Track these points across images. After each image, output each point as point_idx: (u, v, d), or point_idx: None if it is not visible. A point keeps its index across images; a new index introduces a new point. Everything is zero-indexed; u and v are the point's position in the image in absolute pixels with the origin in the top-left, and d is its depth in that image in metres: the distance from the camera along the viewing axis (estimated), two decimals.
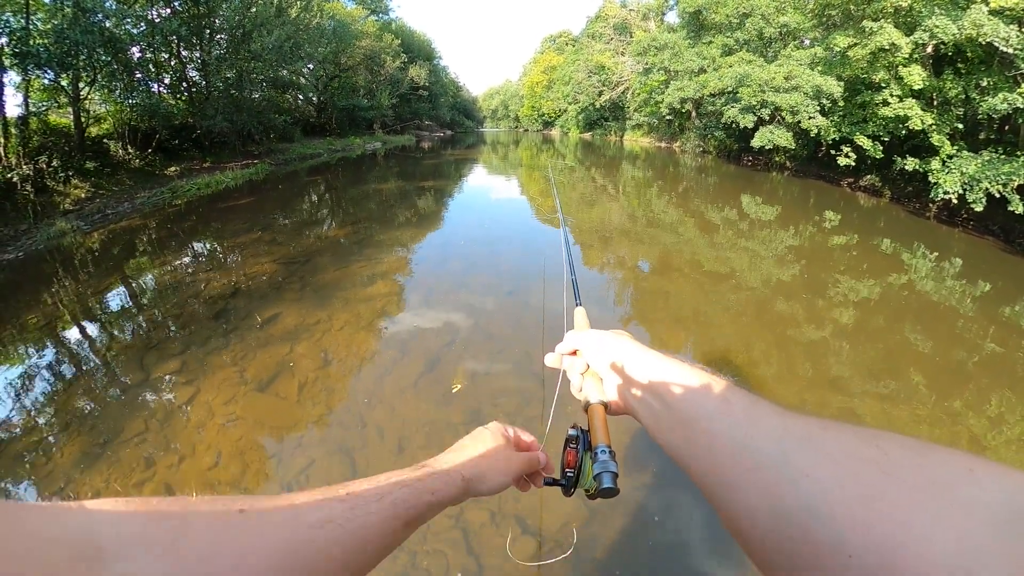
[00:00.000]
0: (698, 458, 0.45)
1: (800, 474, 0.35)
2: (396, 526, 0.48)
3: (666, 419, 0.51)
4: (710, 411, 0.46)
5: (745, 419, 0.43)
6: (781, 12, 22.82)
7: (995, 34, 10.48)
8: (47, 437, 3.48)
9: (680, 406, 0.49)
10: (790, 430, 0.39)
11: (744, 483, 0.39)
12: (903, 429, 3.71)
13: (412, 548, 2.53)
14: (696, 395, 0.49)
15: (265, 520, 0.39)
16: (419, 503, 0.51)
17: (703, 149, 28.51)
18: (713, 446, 0.43)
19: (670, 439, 0.49)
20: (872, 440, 0.35)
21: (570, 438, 0.63)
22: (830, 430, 0.38)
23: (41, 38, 10.99)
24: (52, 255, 7.98)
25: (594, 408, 0.62)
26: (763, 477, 0.37)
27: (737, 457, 0.40)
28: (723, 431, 0.43)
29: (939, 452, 0.33)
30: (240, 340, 4.74)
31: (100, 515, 0.31)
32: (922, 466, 0.32)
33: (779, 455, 0.38)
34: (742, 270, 7.42)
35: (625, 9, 47.32)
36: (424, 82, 43.50)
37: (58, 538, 0.28)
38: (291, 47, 19.93)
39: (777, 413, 0.42)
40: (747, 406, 0.44)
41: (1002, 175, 9.70)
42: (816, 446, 0.37)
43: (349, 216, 11.09)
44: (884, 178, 15.06)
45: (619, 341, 0.63)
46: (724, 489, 0.41)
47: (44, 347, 4.87)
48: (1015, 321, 6.05)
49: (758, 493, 0.37)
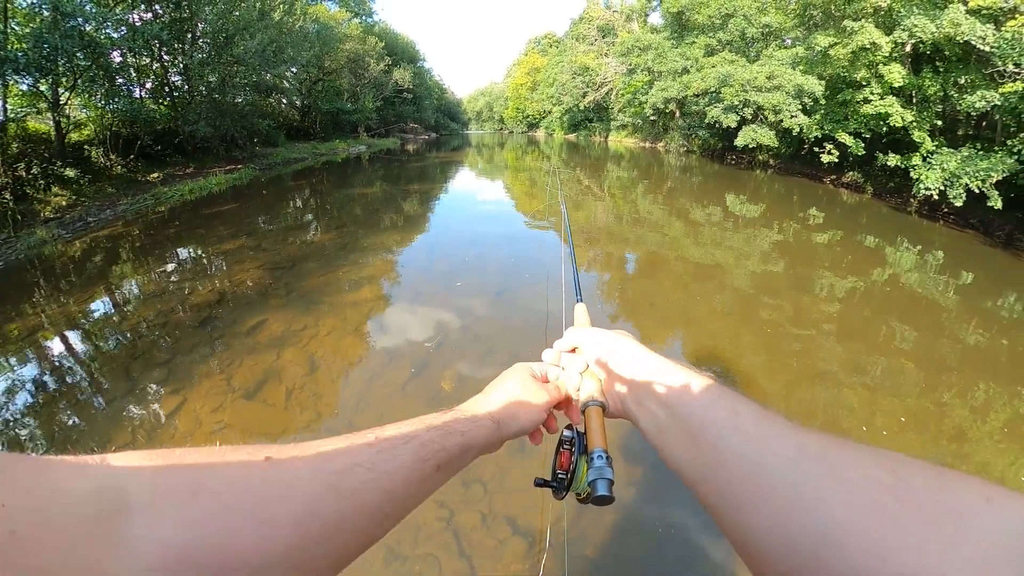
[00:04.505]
0: (704, 473, 0.43)
1: (815, 500, 0.34)
2: (427, 469, 0.48)
3: (670, 428, 0.48)
4: (719, 423, 0.44)
5: (756, 434, 0.41)
6: (763, 13, 23.10)
7: (972, 33, 10.69)
8: (31, 450, 3.41)
9: (686, 415, 0.47)
10: (803, 449, 0.38)
11: (754, 504, 0.37)
12: (889, 420, 3.76)
13: (403, 552, 2.52)
14: (704, 405, 0.47)
15: (289, 467, 0.39)
16: (449, 444, 0.50)
17: (687, 148, 28.74)
18: (721, 460, 0.41)
19: (673, 450, 0.48)
20: (887, 464, 0.34)
21: (564, 439, 0.60)
22: (844, 451, 0.36)
23: (19, 43, 10.77)
24: (33, 264, 7.84)
25: (592, 410, 0.60)
26: (775, 500, 0.36)
27: (747, 476, 0.39)
28: (732, 447, 0.41)
29: (955, 479, 0.32)
30: (226, 347, 4.69)
31: (123, 468, 0.32)
32: (938, 492, 0.31)
33: (792, 477, 0.36)
34: (728, 267, 7.48)
35: (609, 11, 47.62)
36: (408, 85, 43.33)
37: (81, 492, 0.28)
38: (274, 51, 19.75)
39: (790, 429, 0.40)
40: (758, 419, 0.42)
41: (981, 171, 9.89)
42: (830, 469, 0.35)
43: (334, 220, 11.01)
44: (866, 174, 15.29)
45: (622, 342, 0.61)
46: (732, 508, 0.40)
47: (26, 358, 4.77)
48: (996, 312, 6.16)
49: (770, 516, 0.36)
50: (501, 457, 3.19)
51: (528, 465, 3.07)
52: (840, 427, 3.70)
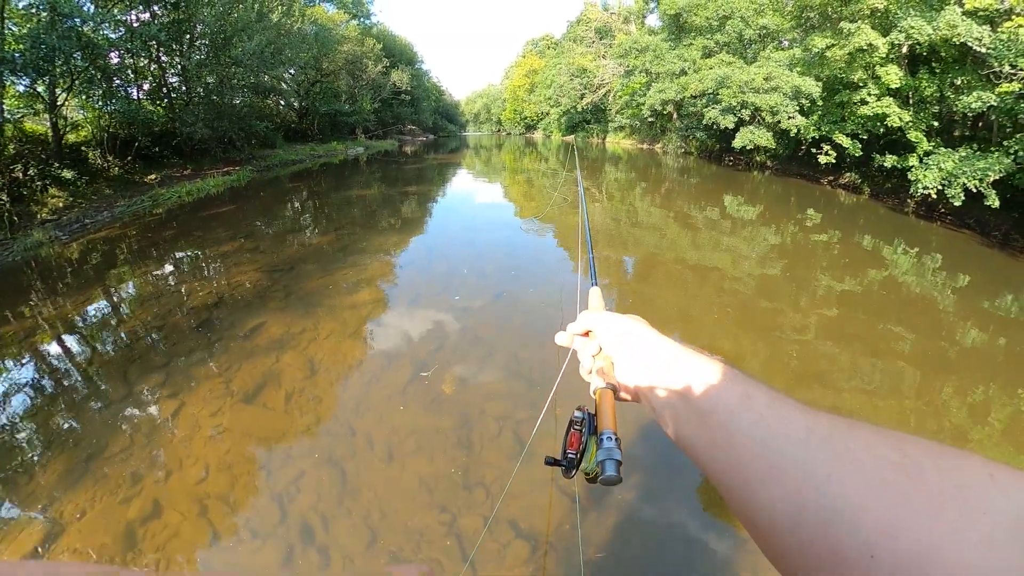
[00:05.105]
0: (715, 453, 0.44)
1: (825, 477, 0.35)
2: None
3: (682, 410, 0.48)
4: (730, 405, 0.44)
5: (768, 416, 0.41)
6: (760, 14, 23.13)
7: (969, 34, 10.71)
8: (29, 455, 3.39)
9: (698, 398, 0.47)
10: (814, 429, 0.38)
11: (766, 483, 0.38)
12: (887, 419, 3.75)
13: (407, 558, 2.50)
14: (715, 387, 0.47)
15: None
16: None
17: (685, 150, 28.75)
18: (732, 442, 0.42)
19: (685, 431, 0.48)
20: (895, 443, 0.35)
21: (575, 420, 0.61)
22: (853, 430, 0.37)
23: (16, 43, 10.74)
24: (29, 266, 7.82)
25: (603, 392, 0.60)
26: (786, 478, 0.37)
27: (759, 455, 0.39)
28: (744, 427, 0.42)
29: (958, 456, 0.33)
30: (225, 351, 4.67)
31: None
32: (944, 471, 0.32)
33: (803, 456, 0.37)
34: (726, 268, 7.49)
35: (606, 12, 47.65)
36: (406, 86, 43.34)
37: None
38: (272, 52, 19.74)
39: (800, 410, 0.41)
40: (769, 402, 0.43)
41: (979, 171, 9.92)
42: (840, 447, 0.36)
43: (333, 222, 10.99)
44: (863, 175, 15.30)
45: (635, 326, 0.61)
46: (743, 487, 0.40)
47: (23, 361, 4.75)
48: (994, 312, 6.18)
49: (781, 494, 0.36)
50: (503, 461, 3.18)
51: (529, 469, 3.06)
52: None
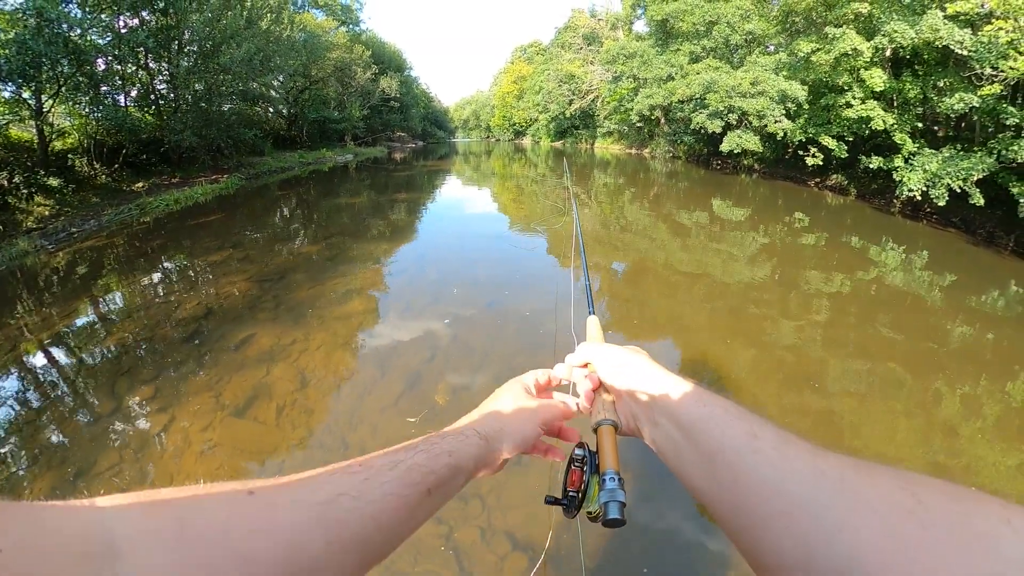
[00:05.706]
0: (722, 495, 0.43)
1: (837, 526, 0.33)
2: (416, 495, 0.46)
3: (685, 448, 0.48)
4: (737, 445, 0.43)
5: (776, 456, 0.40)
6: (746, 20, 23.35)
7: (951, 37, 10.89)
8: (14, 471, 3.32)
9: (703, 437, 0.46)
10: (825, 473, 0.37)
11: (774, 528, 0.37)
12: (880, 418, 3.78)
13: (403, 570, 2.48)
14: (721, 426, 0.46)
15: (273, 501, 0.38)
16: (437, 467, 0.49)
17: (673, 154, 28.95)
18: (739, 483, 0.41)
19: (688, 469, 0.47)
20: (908, 487, 0.34)
21: (576, 457, 0.60)
22: (865, 473, 0.36)
23: (2, 49, 10.60)
24: (14, 276, 7.70)
25: (604, 429, 0.59)
26: (796, 524, 0.35)
27: (768, 499, 0.38)
28: (751, 469, 0.40)
29: (974, 500, 0.32)
30: (215, 363, 4.61)
31: (110, 511, 0.32)
32: (960, 516, 0.31)
33: (813, 501, 0.36)
34: (715, 271, 7.54)
35: (594, 19, 47.95)
36: (395, 93, 43.25)
37: (70, 535, 0.29)
38: (261, 59, 19.61)
39: (809, 451, 0.40)
40: (777, 442, 0.42)
41: (962, 171, 10.08)
42: (852, 493, 0.35)
43: (322, 231, 10.92)
44: (850, 177, 15.50)
45: (635, 359, 0.60)
46: (751, 531, 0.39)
47: (7, 374, 4.66)
48: (980, 309, 6.26)
49: (791, 541, 0.35)
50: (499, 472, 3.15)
51: (526, 479, 3.04)
52: (833, 427, 3.71)
